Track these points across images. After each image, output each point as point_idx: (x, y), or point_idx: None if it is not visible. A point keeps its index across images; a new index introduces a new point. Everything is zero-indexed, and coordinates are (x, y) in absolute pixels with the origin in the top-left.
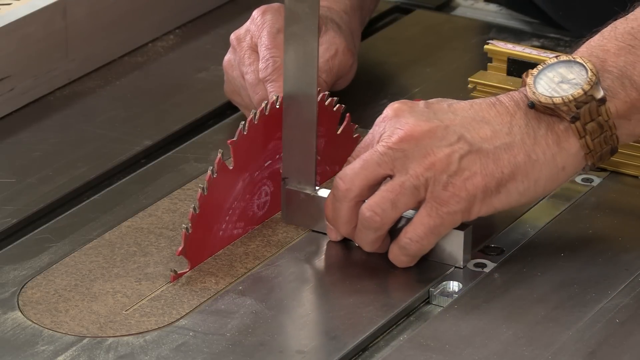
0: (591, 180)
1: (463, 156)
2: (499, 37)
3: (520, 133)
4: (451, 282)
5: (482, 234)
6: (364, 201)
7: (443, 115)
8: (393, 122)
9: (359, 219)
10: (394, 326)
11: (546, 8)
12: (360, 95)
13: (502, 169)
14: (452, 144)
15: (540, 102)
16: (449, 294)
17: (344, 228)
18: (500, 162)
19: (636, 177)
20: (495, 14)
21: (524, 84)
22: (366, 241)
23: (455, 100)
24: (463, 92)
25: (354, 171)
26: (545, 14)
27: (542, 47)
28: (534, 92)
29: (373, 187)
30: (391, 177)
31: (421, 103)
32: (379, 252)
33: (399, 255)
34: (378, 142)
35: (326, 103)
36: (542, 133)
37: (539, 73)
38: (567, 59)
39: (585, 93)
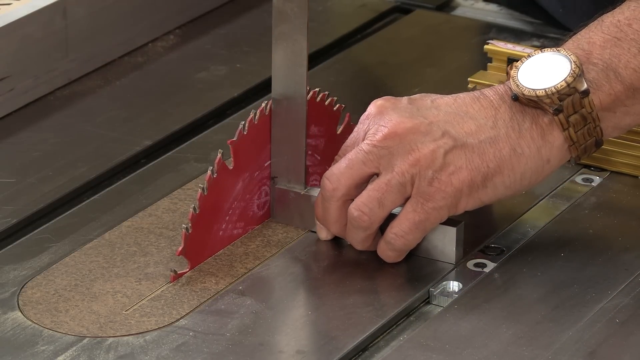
0: (591, 180)
1: (448, 151)
2: (499, 37)
3: (505, 127)
4: (451, 282)
5: (482, 234)
6: (352, 200)
7: (426, 111)
8: (377, 120)
9: (348, 218)
10: (394, 326)
11: (546, 5)
12: (360, 95)
13: (488, 163)
14: (436, 140)
15: (523, 94)
16: (449, 294)
17: (334, 227)
18: (486, 156)
19: (636, 177)
20: (495, 14)
21: (508, 77)
22: (357, 240)
23: (439, 95)
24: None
25: (340, 170)
26: (546, 13)
27: (542, 47)
28: (517, 85)
29: (360, 186)
30: (377, 175)
31: (404, 99)
32: (371, 250)
33: (385, 250)
34: (363, 140)
35: (326, 103)
36: (526, 126)
37: (523, 65)
38: (552, 51)
39: (568, 85)
